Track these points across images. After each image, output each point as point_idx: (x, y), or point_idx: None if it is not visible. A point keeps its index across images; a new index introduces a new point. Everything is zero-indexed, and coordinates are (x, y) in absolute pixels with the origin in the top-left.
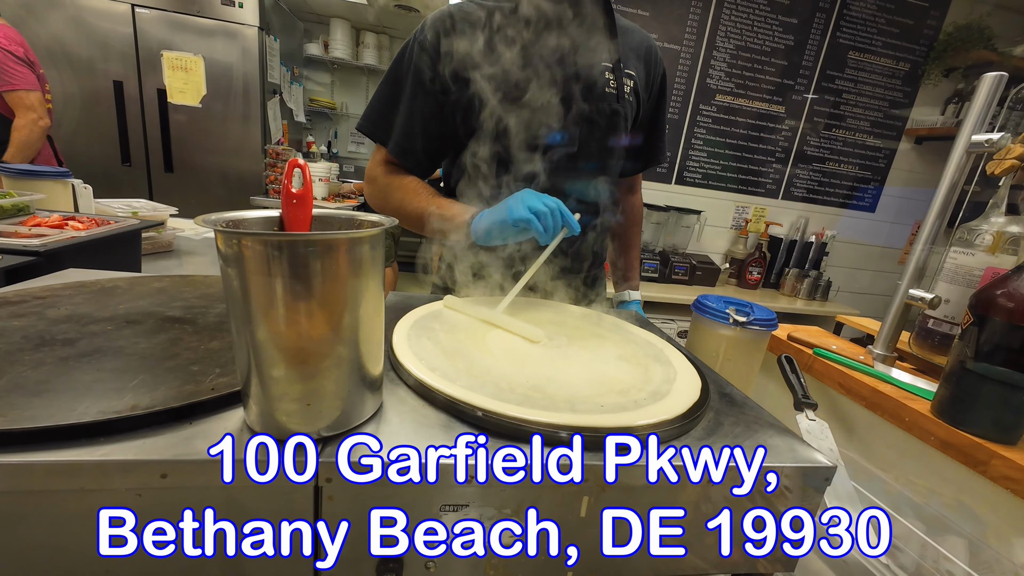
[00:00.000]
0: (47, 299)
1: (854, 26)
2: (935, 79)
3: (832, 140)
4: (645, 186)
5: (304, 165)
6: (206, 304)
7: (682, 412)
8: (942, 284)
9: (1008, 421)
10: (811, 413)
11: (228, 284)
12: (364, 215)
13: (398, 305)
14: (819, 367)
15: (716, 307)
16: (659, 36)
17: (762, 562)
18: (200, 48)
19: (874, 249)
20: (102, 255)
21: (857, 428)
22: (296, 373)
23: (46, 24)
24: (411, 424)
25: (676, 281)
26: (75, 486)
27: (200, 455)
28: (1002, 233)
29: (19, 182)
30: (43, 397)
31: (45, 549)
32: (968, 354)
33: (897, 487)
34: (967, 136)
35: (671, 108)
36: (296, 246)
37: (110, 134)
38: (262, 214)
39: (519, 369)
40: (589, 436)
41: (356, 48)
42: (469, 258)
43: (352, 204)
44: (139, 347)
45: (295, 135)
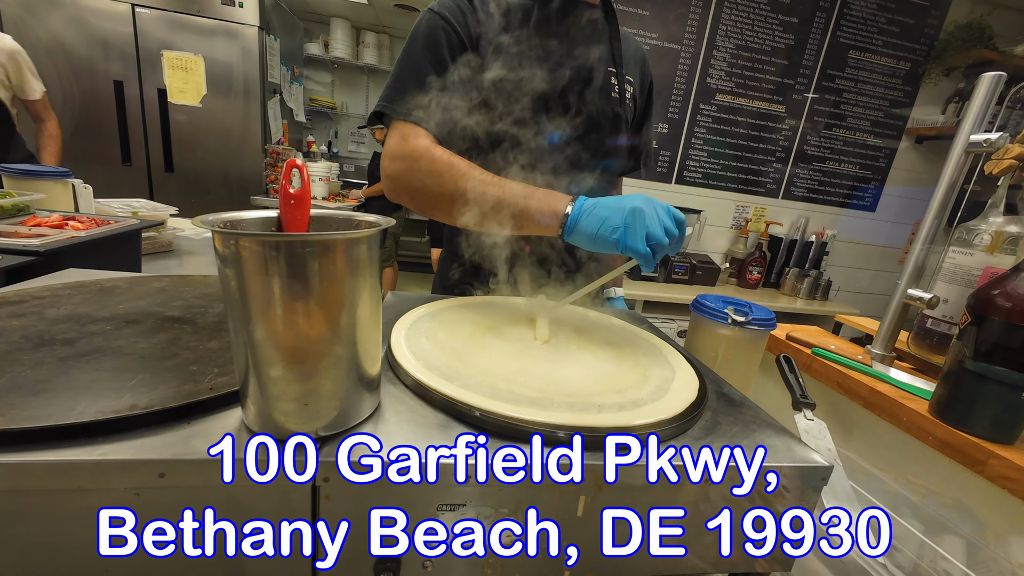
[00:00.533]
0: (46, 299)
1: (855, 25)
2: (936, 78)
3: (832, 139)
4: (645, 186)
5: (302, 165)
6: (205, 304)
7: (680, 412)
8: (941, 284)
9: (1006, 421)
10: (809, 413)
11: (226, 284)
12: (362, 215)
13: (397, 305)
14: (817, 367)
15: (715, 307)
16: (659, 35)
17: (760, 561)
18: (200, 48)
19: (874, 249)
20: (102, 255)
21: (855, 428)
22: (294, 373)
23: (46, 24)
24: (409, 424)
25: (676, 281)
26: (73, 485)
27: (198, 455)
28: (1000, 233)
29: (19, 182)
30: (42, 397)
31: (44, 548)
32: (966, 354)
33: (895, 487)
34: (966, 136)
35: (672, 108)
36: (293, 247)
37: (110, 134)
38: (260, 214)
39: (517, 369)
40: (586, 435)
41: (356, 48)
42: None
43: (352, 204)
44: (138, 347)
45: (295, 135)
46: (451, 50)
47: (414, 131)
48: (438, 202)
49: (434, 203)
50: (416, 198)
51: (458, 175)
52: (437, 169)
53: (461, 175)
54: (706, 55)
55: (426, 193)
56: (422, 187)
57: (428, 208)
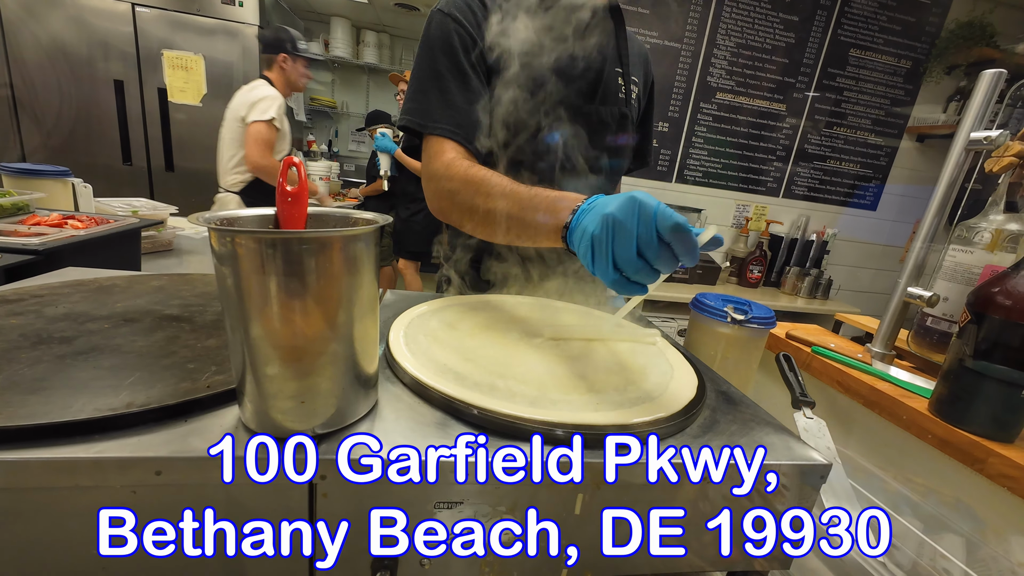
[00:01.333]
0: (45, 297)
1: (855, 23)
2: (937, 77)
3: (833, 138)
4: (646, 185)
5: (299, 163)
6: (204, 302)
7: (678, 410)
8: (941, 282)
9: (1006, 419)
10: (809, 411)
11: (222, 282)
12: (359, 213)
13: (396, 303)
14: (817, 365)
15: (714, 305)
16: (659, 34)
17: (759, 560)
18: (200, 47)
19: (875, 247)
20: (102, 254)
21: (855, 426)
22: (290, 371)
23: (46, 24)
24: (407, 422)
25: (676, 280)
26: (71, 483)
27: (195, 452)
28: (1001, 231)
29: (19, 181)
30: (39, 394)
31: (42, 546)
32: (966, 352)
33: (895, 485)
34: (966, 133)
35: (672, 106)
36: (290, 244)
37: (111, 133)
38: (257, 212)
39: (516, 367)
40: (585, 434)
41: (357, 47)
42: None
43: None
44: (136, 345)
45: (296, 134)
46: (466, 52)
47: (439, 146)
48: (463, 222)
49: (462, 222)
50: (448, 218)
51: (474, 191)
52: (454, 188)
53: (475, 191)
54: (706, 53)
55: (452, 212)
56: (449, 207)
57: (465, 227)
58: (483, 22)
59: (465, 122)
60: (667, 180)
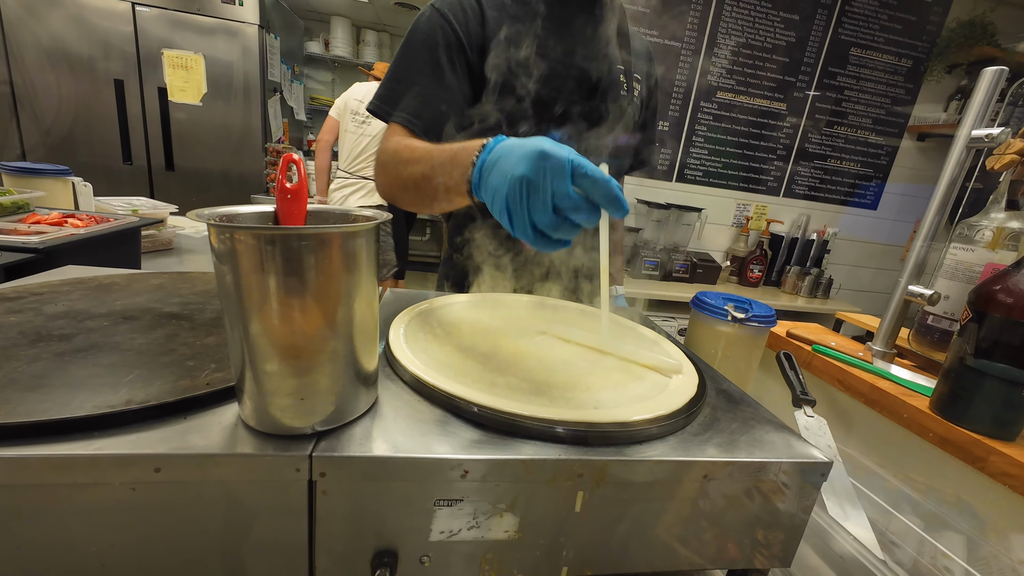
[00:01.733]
0: (44, 295)
1: (856, 22)
2: (938, 76)
3: (834, 137)
4: (646, 184)
5: (299, 160)
6: (203, 300)
7: (679, 408)
8: (942, 280)
9: (1007, 417)
10: (809, 410)
11: (221, 279)
12: (359, 210)
13: (396, 302)
14: (818, 364)
15: (714, 304)
16: (659, 33)
17: (759, 558)
18: (201, 46)
19: (876, 247)
20: (102, 253)
21: (856, 425)
22: (289, 368)
23: (46, 23)
24: (407, 420)
25: (676, 279)
26: (69, 480)
27: (194, 449)
28: (1002, 229)
29: (19, 180)
30: (38, 392)
31: (40, 544)
32: (967, 350)
33: (895, 483)
34: (967, 131)
35: (672, 105)
36: (289, 240)
37: (111, 132)
38: (256, 209)
39: (515, 365)
40: (585, 431)
41: (357, 46)
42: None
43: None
44: (135, 343)
45: (296, 133)
46: (448, 49)
47: (391, 132)
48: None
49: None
50: (391, 197)
51: (396, 160)
52: (384, 160)
53: (398, 159)
54: (707, 52)
55: (389, 188)
56: (386, 183)
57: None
58: (475, 22)
59: (426, 114)
60: (667, 179)
